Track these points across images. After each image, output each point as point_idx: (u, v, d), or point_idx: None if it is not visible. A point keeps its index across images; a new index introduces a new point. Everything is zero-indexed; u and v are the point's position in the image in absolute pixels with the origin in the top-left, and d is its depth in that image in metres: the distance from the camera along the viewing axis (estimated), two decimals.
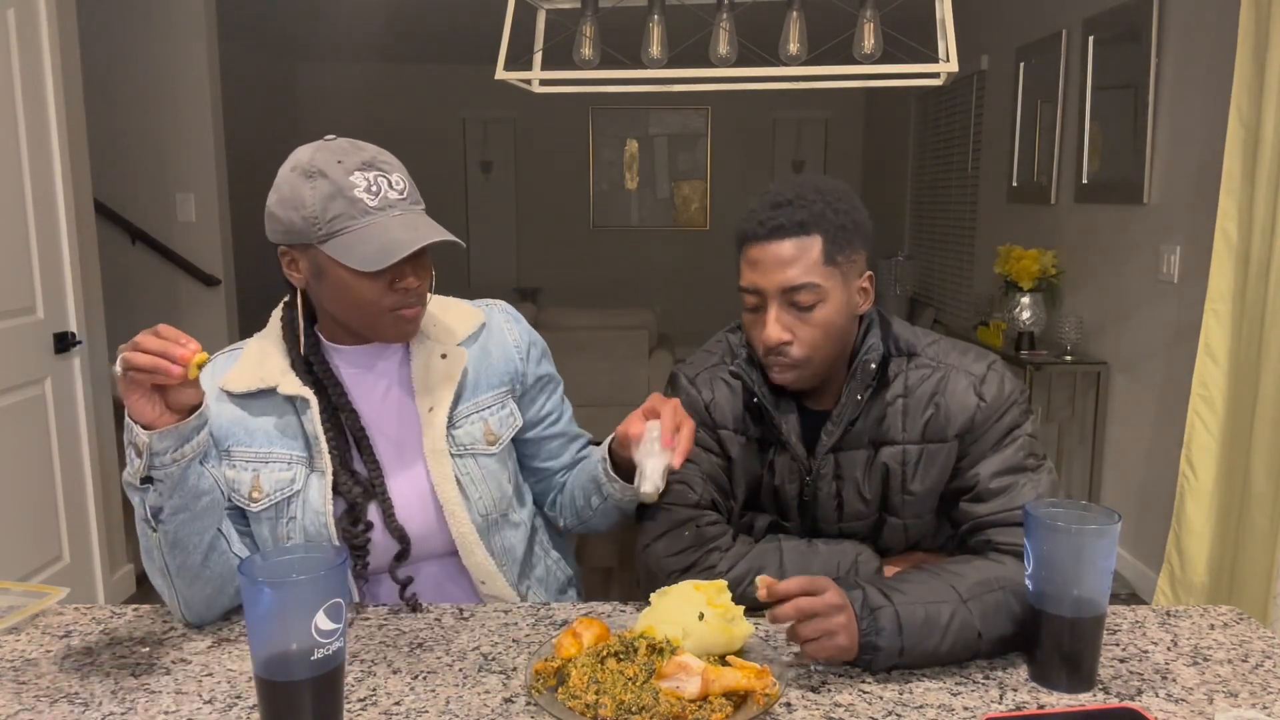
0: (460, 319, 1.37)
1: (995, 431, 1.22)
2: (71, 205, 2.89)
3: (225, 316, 4.28)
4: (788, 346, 1.19)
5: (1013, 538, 1.16)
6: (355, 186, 1.17)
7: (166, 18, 4.04)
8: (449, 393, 1.31)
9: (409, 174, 1.25)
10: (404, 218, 1.19)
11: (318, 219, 1.17)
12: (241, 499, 1.26)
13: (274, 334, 1.32)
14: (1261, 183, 2.35)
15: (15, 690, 1.06)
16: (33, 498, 2.76)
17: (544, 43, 1.93)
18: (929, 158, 6.08)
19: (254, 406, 1.27)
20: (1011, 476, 1.21)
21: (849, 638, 1.04)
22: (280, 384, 1.25)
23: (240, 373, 1.28)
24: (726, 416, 1.30)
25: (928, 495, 1.26)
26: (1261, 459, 2.37)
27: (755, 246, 1.19)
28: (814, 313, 1.18)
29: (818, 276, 1.17)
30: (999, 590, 1.11)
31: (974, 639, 1.09)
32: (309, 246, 1.20)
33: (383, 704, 1.03)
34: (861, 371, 1.23)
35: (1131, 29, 3.41)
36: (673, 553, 1.25)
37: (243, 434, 1.27)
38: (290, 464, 1.26)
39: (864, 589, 1.08)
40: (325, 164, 1.18)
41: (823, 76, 1.79)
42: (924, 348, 1.27)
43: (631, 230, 8.09)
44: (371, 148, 1.23)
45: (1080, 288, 3.87)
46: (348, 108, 7.62)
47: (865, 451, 1.26)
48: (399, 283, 1.20)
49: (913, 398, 1.24)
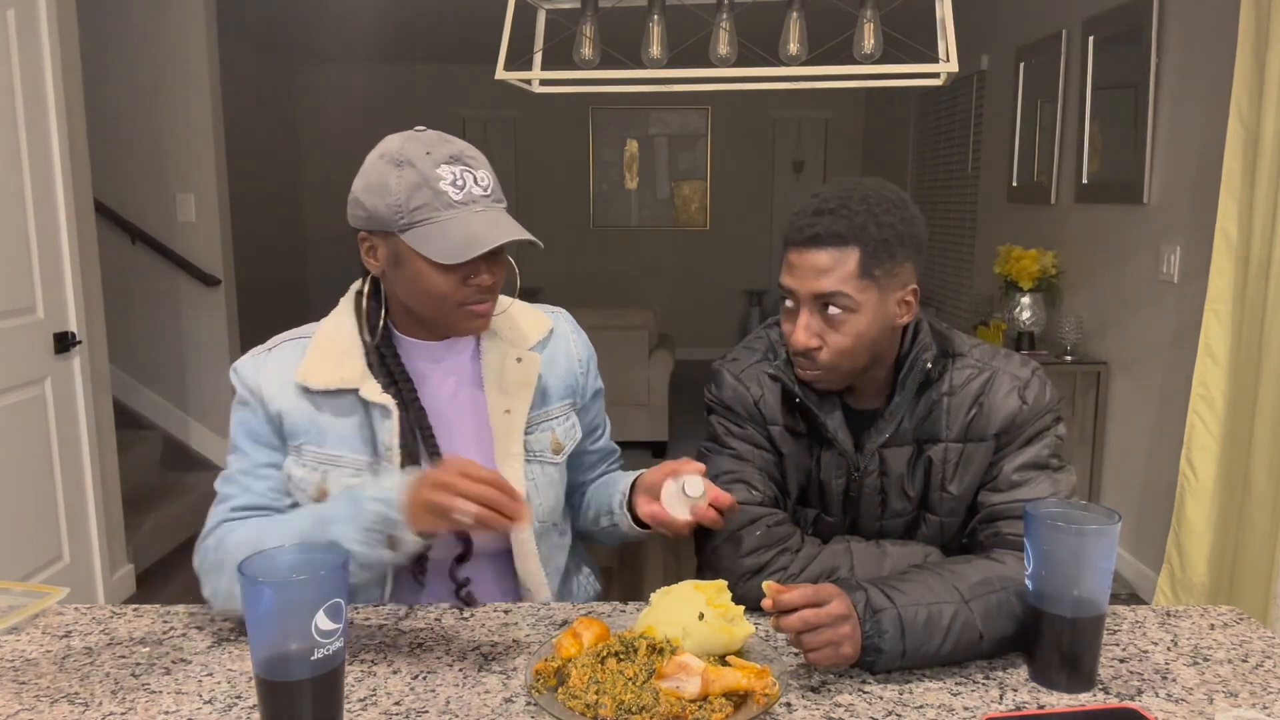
0: (531, 323, 1.37)
1: (1029, 431, 1.24)
2: (71, 205, 2.89)
3: (225, 316, 4.28)
4: (815, 351, 1.20)
5: (1022, 531, 1.16)
6: (441, 179, 1.17)
7: (166, 18, 4.04)
8: (526, 397, 1.31)
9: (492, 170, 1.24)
10: (486, 214, 1.19)
11: (401, 208, 1.17)
12: (306, 500, 1.24)
13: (347, 323, 1.29)
14: (1261, 183, 2.35)
15: (15, 690, 1.06)
16: (33, 498, 2.76)
17: (544, 43, 1.93)
18: (929, 158, 6.08)
19: (328, 404, 1.24)
20: (1033, 472, 1.23)
21: (854, 647, 1.05)
22: (362, 388, 1.23)
23: (317, 367, 1.24)
24: (775, 412, 1.30)
25: (964, 494, 1.27)
26: (1261, 459, 2.37)
27: (794, 250, 1.19)
28: (845, 323, 1.18)
29: (851, 289, 1.16)
30: (1000, 590, 1.11)
31: (975, 639, 1.09)
32: (389, 234, 1.20)
33: (383, 704, 1.03)
34: (917, 370, 1.23)
35: (1131, 29, 3.41)
36: (744, 554, 1.25)
37: (315, 433, 1.24)
38: (358, 471, 1.24)
39: (866, 590, 1.08)
40: (414, 154, 1.18)
41: (823, 76, 1.79)
42: (969, 349, 1.28)
43: (631, 230, 8.09)
44: (460, 142, 1.23)
45: (1080, 288, 3.87)
46: (348, 108, 7.62)
47: (910, 448, 1.27)
48: (473, 278, 1.20)
49: (958, 397, 1.25)
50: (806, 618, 1.03)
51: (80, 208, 2.97)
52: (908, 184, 6.48)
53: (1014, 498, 1.22)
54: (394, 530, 1.08)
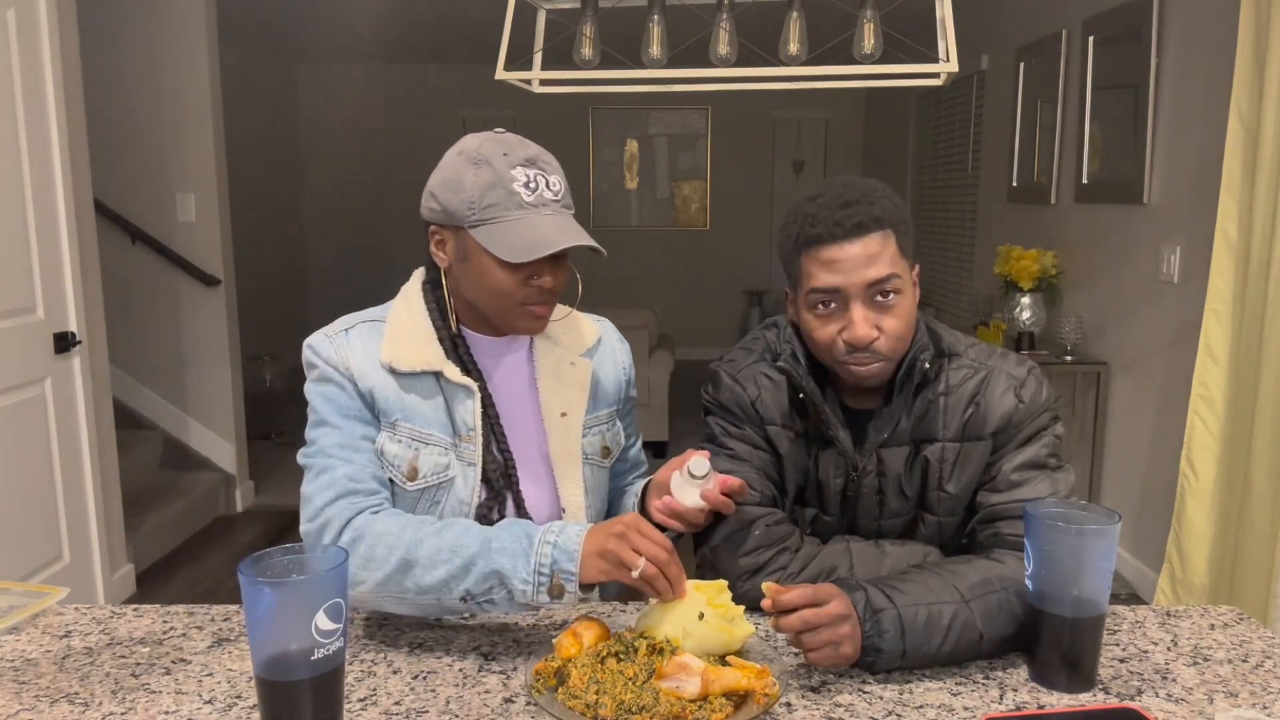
0: (584, 330, 1.41)
1: (1026, 430, 1.24)
2: (71, 205, 2.89)
3: (225, 316, 4.27)
4: (876, 342, 1.19)
5: (1021, 531, 1.16)
6: (515, 180, 1.21)
7: (166, 18, 4.04)
8: (583, 400, 1.35)
9: (565, 176, 1.28)
10: (555, 218, 1.23)
11: (474, 204, 1.21)
12: (399, 475, 1.25)
13: (418, 311, 1.31)
14: (1261, 183, 2.35)
15: (15, 690, 1.06)
16: (33, 498, 2.76)
17: (544, 43, 1.93)
18: (929, 158, 6.08)
19: (414, 386, 1.26)
20: (1032, 471, 1.23)
21: (853, 647, 1.05)
22: (445, 370, 1.26)
23: (400, 349, 1.26)
24: (773, 412, 1.30)
25: (962, 494, 1.27)
26: (1261, 459, 2.37)
27: (831, 248, 1.18)
28: (898, 305, 1.19)
29: (899, 269, 1.19)
30: (1000, 590, 1.11)
31: (975, 640, 1.09)
32: (459, 229, 1.23)
33: (383, 704, 1.03)
34: (916, 369, 1.23)
35: (1131, 29, 3.41)
36: (743, 553, 1.25)
37: (405, 411, 1.26)
38: (445, 450, 1.27)
39: (866, 590, 1.08)
40: (491, 154, 1.22)
41: (823, 76, 1.79)
42: (965, 349, 1.29)
43: (631, 230, 8.09)
44: (535, 146, 1.26)
45: (1080, 288, 3.87)
46: (348, 108, 7.63)
47: (907, 448, 1.27)
48: (536, 279, 1.23)
49: (954, 396, 1.26)
50: (806, 618, 1.03)
51: (80, 208, 2.97)
52: (908, 184, 6.48)
53: (1013, 498, 1.22)
54: (564, 580, 1.09)
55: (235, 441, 4.37)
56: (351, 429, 1.25)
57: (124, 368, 4.21)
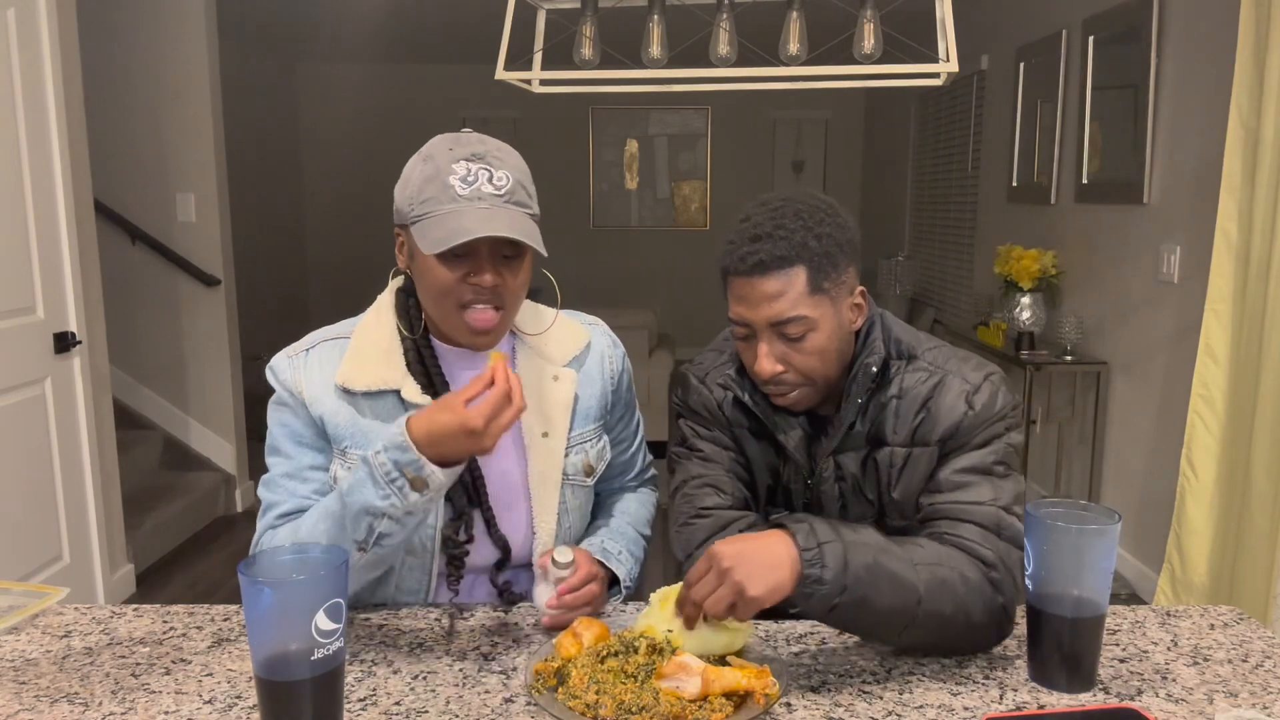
0: (570, 336, 1.35)
1: (976, 438, 1.20)
2: (71, 205, 2.89)
3: (225, 316, 4.27)
4: (783, 376, 1.18)
5: (961, 533, 1.14)
6: (453, 174, 1.16)
7: (166, 18, 4.03)
8: (565, 420, 1.29)
9: (529, 175, 1.24)
10: (487, 210, 1.16)
11: (413, 200, 1.18)
12: None
13: (388, 320, 1.28)
14: (1261, 183, 2.35)
15: (15, 690, 1.06)
16: (33, 498, 2.76)
17: (544, 43, 1.93)
18: (929, 158, 6.08)
19: (370, 406, 1.23)
20: (975, 475, 1.18)
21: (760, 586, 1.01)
22: (404, 388, 1.22)
23: (358, 368, 1.23)
24: (739, 414, 1.30)
25: (907, 499, 1.24)
26: (1261, 459, 2.37)
27: (738, 280, 1.16)
28: (805, 342, 1.16)
29: (805, 308, 1.14)
30: (950, 570, 1.09)
31: (914, 604, 1.05)
32: (406, 226, 1.20)
33: (383, 704, 1.03)
34: (862, 375, 1.21)
35: (1131, 29, 3.41)
36: None
37: (358, 435, 1.23)
38: None
39: (811, 522, 1.06)
40: (438, 149, 1.19)
41: (823, 76, 1.79)
42: (924, 351, 1.25)
43: (631, 230, 8.09)
44: (493, 143, 1.22)
45: (1080, 288, 3.87)
46: (348, 108, 7.62)
47: (863, 451, 1.26)
48: (473, 276, 1.17)
49: (906, 400, 1.22)
50: (688, 579, 1.04)
51: (80, 208, 2.97)
52: (908, 184, 6.49)
53: (952, 499, 1.17)
54: (413, 470, 1.07)
55: (235, 441, 4.36)
56: (300, 457, 1.25)
57: (124, 368, 4.21)
